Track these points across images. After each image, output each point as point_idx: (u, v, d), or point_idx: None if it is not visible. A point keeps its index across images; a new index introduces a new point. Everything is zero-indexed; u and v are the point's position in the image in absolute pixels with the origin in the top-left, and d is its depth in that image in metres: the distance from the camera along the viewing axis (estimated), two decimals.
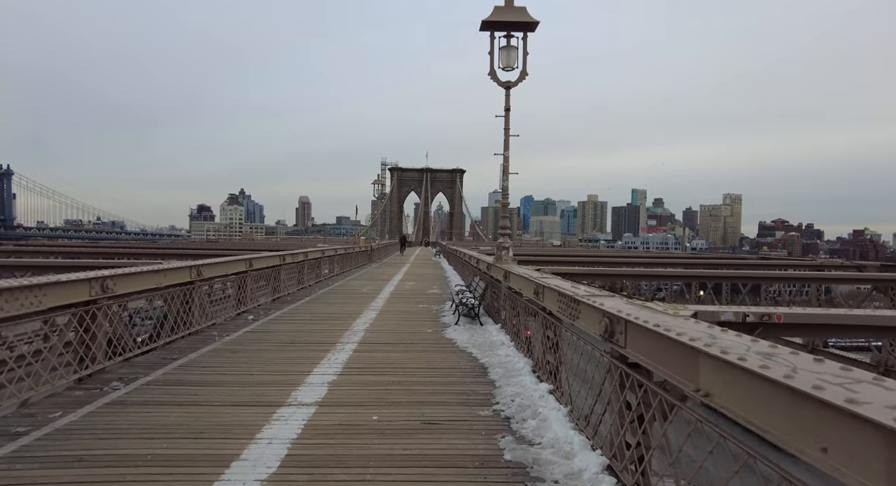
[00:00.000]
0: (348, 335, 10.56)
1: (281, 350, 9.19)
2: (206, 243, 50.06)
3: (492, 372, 7.79)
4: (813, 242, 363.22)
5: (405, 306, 15.22)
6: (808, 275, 20.89)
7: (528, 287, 8.46)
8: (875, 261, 45.67)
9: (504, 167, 12.35)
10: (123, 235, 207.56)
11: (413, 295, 18.29)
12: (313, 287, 20.12)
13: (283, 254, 17.38)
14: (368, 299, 16.84)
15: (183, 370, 7.74)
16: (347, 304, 15.57)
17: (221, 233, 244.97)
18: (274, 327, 11.57)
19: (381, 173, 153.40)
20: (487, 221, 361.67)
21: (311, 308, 14.64)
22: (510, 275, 10.43)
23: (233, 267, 12.80)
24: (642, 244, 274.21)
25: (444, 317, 13.10)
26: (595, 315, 5.12)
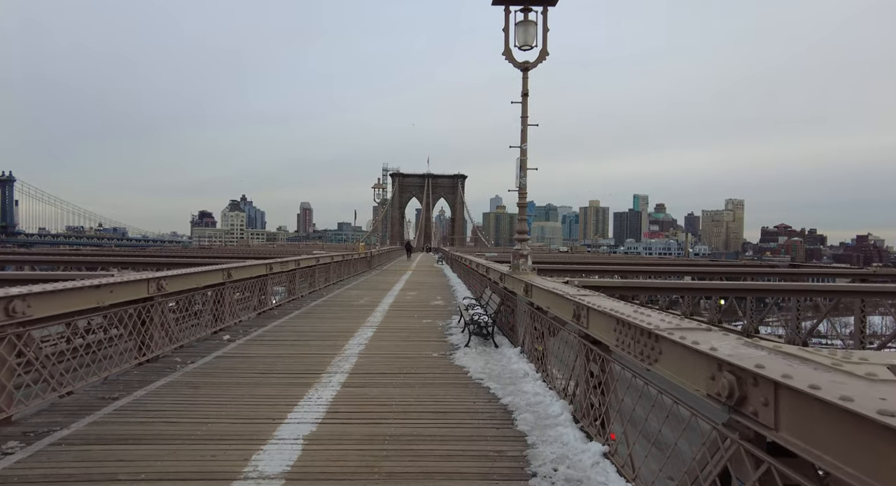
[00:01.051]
0: (338, 362, 8.77)
1: (253, 385, 7.40)
2: (198, 251, 48.28)
3: (519, 420, 6.00)
4: (816, 247, 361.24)
5: (407, 322, 13.44)
6: (867, 288, 18.77)
7: (562, 308, 6.69)
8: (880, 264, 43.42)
9: (521, 161, 10.62)
10: (106, 242, 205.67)
11: (415, 307, 16.52)
12: (306, 299, 18.35)
13: (271, 262, 15.63)
14: (365, 312, 15.06)
15: (119, 417, 5.96)
16: (341, 319, 13.78)
17: (214, 239, 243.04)
18: (251, 350, 9.79)
19: (382, 178, 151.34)
20: (489, 227, 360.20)
21: (298, 325, 12.85)
22: (533, 289, 8.67)
23: (206, 279, 11.04)
24: (645, 250, 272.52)
25: (452, 336, 11.31)
26: (699, 365, 3.35)
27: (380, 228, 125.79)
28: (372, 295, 19.91)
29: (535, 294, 8.57)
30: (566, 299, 6.46)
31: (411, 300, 18.57)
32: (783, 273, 22.51)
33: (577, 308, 6.04)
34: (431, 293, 21.04)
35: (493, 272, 13.99)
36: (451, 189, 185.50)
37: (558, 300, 6.94)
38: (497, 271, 12.97)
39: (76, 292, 6.81)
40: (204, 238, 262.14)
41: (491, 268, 14.64)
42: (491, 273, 14.47)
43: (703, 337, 3.66)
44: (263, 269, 14.94)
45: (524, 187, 10.70)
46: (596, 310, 5.41)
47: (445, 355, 9.51)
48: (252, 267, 14.06)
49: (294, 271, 18.10)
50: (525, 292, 9.13)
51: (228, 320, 12.19)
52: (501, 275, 12.03)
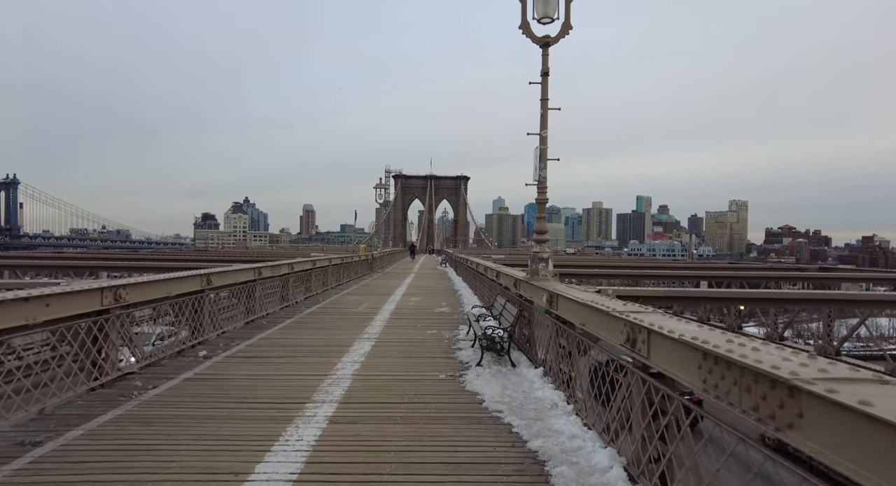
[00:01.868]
0: (328, 387, 7.38)
1: (221, 419, 6.02)
2: (193, 253, 46.95)
3: (555, 475, 4.58)
4: (821, 248, 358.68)
5: (409, 333, 12.04)
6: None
7: (607, 327, 5.29)
8: (885, 267, 41.91)
9: (540, 151, 9.22)
10: (108, 244, 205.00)
11: (419, 315, 15.12)
12: (300, 305, 16.98)
13: (260, 266, 14.25)
14: (364, 321, 13.67)
15: (27, 476, 4.57)
16: (337, 330, 12.40)
17: (210, 241, 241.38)
18: (228, 370, 8.40)
19: (384, 179, 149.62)
20: (492, 229, 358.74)
21: (288, 337, 11.46)
22: (559, 299, 7.27)
23: (179, 286, 9.66)
24: (649, 251, 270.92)
25: (461, 351, 9.91)
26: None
27: (382, 230, 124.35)
28: (372, 301, 18.52)
29: (562, 306, 7.18)
30: (613, 316, 5.06)
31: (414, 307, 17.18)
32: (812, 277, 21.02)
33: (630, 331, 4.64)
34: (436, 299, 19.65)
35: (504, 277, 12.60)
36: (454, 190, 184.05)
37: (599, 318, 5.54)
38: (510, 276, 11.57)
39: None
40: (202, 241, 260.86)
41: (502, 272, 13.24)
42: (502, 278, 13.08)
43: (880, 394, 2.27)
44: (251, 273, 13.56)
45: (544, 180, 9.30)
46: (663, 336, 4.02)
47: (454, 376, 8.11)
48: (237, 272, 12.67)
49: (287, 276, 16.72)
50: (549, 303, 7.73)
51: (209, 333, 10.82)
52: (516, 281, 10.63)
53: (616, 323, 4.99)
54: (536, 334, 9.05)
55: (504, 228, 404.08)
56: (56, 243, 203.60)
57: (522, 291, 10.02)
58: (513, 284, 10.91)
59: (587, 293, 6.98)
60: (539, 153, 9.28)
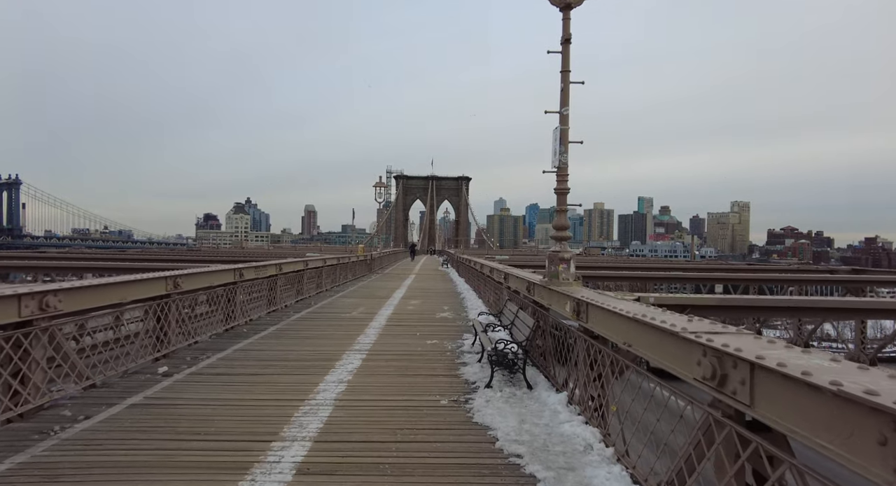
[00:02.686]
0: (303, 418, 5.95)
1: (152, 471, 4.59)
2: (183, 253, 45.52)
3: None
4: (823, 249, 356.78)
5: (407, 344, 10.60)
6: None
7: (677, 355, 3.83)
8: (889, 268, 40.55)
9: (561, 132, 7.79)
10: (110, 244, 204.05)
11: (418, 321, 13.69)
12: (289, 310, 15.56)
13: (242, 268, 12.82)
14: (357, 328, 12.24)
15: None
16: (325, 339, 10.97)
17: (205, 241, 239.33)
18: (186, 393, 6.96)
19: (385, 179, 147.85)
20: (493, 230, 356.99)
21: (268, 348, 10.02)
22: (591, 310, 5.84)
23: (136, 290, 8.23)
24: (650, 252, 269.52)
25: (466, 366, 8.49)
26: None
27: (383, 230, 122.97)
28: (368, 304, 17.09)
29: (595, 318, 5.75)
30: (684, 339, 3.62)
31: (413, 312, 15.74)
32: (844, 281, 19.47)
33: (718, 364, 3.20)
34: (437, 302, 18.21)
35: (514, 280, 11.17)
36: (455, 191, 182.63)
37: (658, 339, 4.10)
38: (521, 278, 10.13)
39: None
40: (198, 241, 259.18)
41: (511, 274, 11.81)
42: (512, 281, 11.65)
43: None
44: (231, 275, 12.14)
45: (565, 167, 7.87)
46: (788, 378, 2.58)
47: (459, 402, 6.67)
48: (213, 274, 11.25)
49: (275, 278, 15.29)
50: (576, 314, 6.30)
51: (176, 343, 9.40)
52: (529, 285, 9.19)
53: (689, 350, 3.56)
54: (550, 347, 7.62)
55: (505, 229, 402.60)
56: (58, 243, 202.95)
57: (538, 296, 8.59)
58: (525, 288, 9.47)
59: (628, 303, 5.55)
60: (559, 135, 7.85)
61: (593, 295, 6.34)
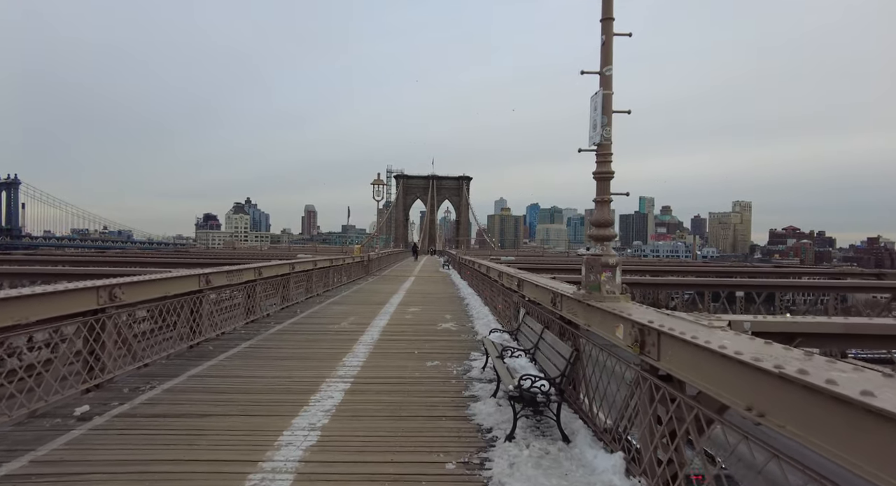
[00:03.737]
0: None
1: None
2: (171, 254, 43.57)
3: None
4: (825, 249, 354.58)
5: (402, 367, 8.71)
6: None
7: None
8: (892, 269, 39.54)
9: (603, 98, 5.91)
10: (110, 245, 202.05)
11: (417, 334, 11.81)
12: (271, 319, 13.68)
13: (212, 273, 10.92)
14: (344, 344, 10.37)
15: None
16: (303, 360, 9.08)
17: (196, 242, 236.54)
18: (91, 456, 5.07)
19: (382, 175, 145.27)
20: (494, 230, 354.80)
21: (227, 377, 8.09)
22: (665, 342, 3.98)
23: (55, 305, 6.35)
24: (652, 252, 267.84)
25: (477, 403, 6.61)
26: None
27: (383, 230, 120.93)
28: (361, 313, 15.21)
29: (674, 357, 3.88)
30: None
31: (412, 321, 13.85)
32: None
33: None
34: (438, 310, 16.32)
35: (532, 289, 9.29)
36: (456, 191, 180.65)
37: (832, 415, 2.22)
38: (543, 288, 8.24)
39: None
40: (196, 242, 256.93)
41: (526, 282, 9.93)
42: (527, 290, 9.76)
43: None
44: (195, 282, 10.26)
45: (608, 143, 5.98)
46: None
47: (471, 465, 4.79)
48: (169, 282, 9.34)
49: (253, 284, 13.41)
50: (637, 344, 4.43)
51: (115, 369, 7.53)
52: (556, 296, 7.31)
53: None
54: (588, 378, 5.74)
55: (506, 229, 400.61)
56: (57, 243, 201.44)
57: (568, 312, 6.71)
58: (550, 300, 7.58)
59: (727, 334, 3.67)
60: (600, 102, 5.96)
61: (663, 318, 4.46)
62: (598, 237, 6.15)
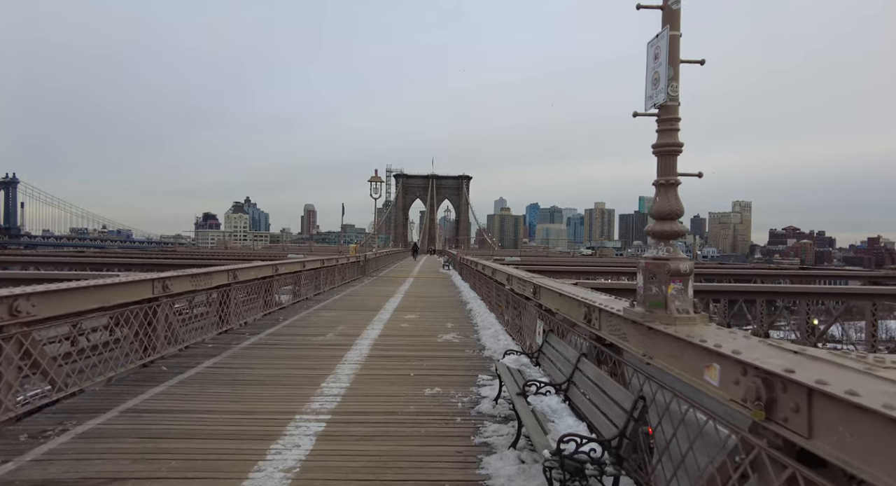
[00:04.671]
0: None
1: None
2: (155, 253, 41.77)
3: None
4: (825, 249, 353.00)
5: (394, 397, 6.99)
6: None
7: None
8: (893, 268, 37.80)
9: (669, 41, 4.23)
10: (109, 244, 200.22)
11: (413, 349, 10.11)
12: (246, 329, 11.98)
13: (169, 277, 9.19)
14: (326, 363, 8.66)
15: None
16: (271, 386, 7.35)
17: (190, 241, 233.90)
18: None
19: (381, 174, 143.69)
20: (493, 230, 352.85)
21: (172, 410, 6.35)
22: (819, 404, 2.28)
23: None
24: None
25: (492, 454, 4.92)
26: None
27: (382, 230, 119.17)
28: (351, 321, 13.51)
29: (851, 444, 2.18)
30: None
31: (408, 332, 12.14)
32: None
33: None
34: (439, 317, 14.62)
35: (555, 299, 7.58)
36: (456, 190, 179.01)
37: None
38: (572, 299, 6.54)
39: None
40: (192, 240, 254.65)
41: (545, 288, 8.22)
42: (547, 298, 8.06)
43: None
44: (147, 289, 8.55)
45: (675, 104, 4.30)
46: None
47: None
48: (112, 288, 7.62)
49: (226, 289, 11.69)
50: (762, 405, 2.75)
51: (16, 407, 5.84)
52: (593, 312, 5.61)
53: None
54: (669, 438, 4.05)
55: (506, 229, 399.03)
56: (56, 242, 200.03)
57: (614, 334, 5.03)
58: (583, 317, 5.87)
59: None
60: (665, 47, 4.28)
61: (798, 361, 2.77)
62: (661, 234, 4.44)
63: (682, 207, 4.42)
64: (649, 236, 4.55)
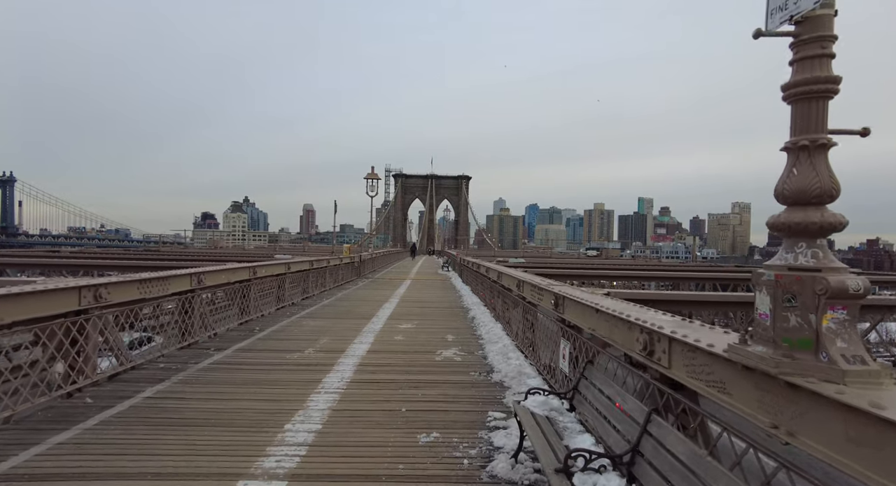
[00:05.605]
0: None
1: None
2: (141, 254, 39.90)
3: None
4: None
5: (379, 445, 5.27)
6: None
7: None
8: (891, 271, 35.45)
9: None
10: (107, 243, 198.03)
11: (407, 371, 8.37)
12: (213, 342, 10.24)
13: (104, 285, 7.46)
14: (297, 393, 6.93)
15: None
16: (218, 430, 5.62)
17: (188, 241, 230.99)
18: None
19: (383, 176, 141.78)
20: (492, 231, 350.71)
21: (69, 476, 4.68)
22: None
23: None
24: (652, 253, 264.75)
25: None
26: None
27: (381, 230, 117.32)
28: (338, 332, 11.78)
29: None
30: None
31: (402, 347, 10.39)
32: None
33: None
34: (437, 327, 12.88)
35: (583, 313, 5.85)
36: (455, 190, 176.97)
37: None
38: (615, 315, 4.82)
39: None
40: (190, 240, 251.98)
41: (569, 299, 6.50)
42: (571, 311, 6.33)
43: None
44: (74, 298, 6.82)
45: (829, 9, 2.63)
46: None
47: None
48: (16, 299, 5.89)
49: (189, 296, 9.95)
50: None
51: None
52: (654, 339, 3.90)
53: None
54: None
55: (505, 230, 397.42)
56: (53, 241, 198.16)
57: (696, 379, 3.32)
58: (641, 345, 4.15)
59: None
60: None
61: None
62: (800, 229, 2.72)
63: (837, 183, 2.70)
64: (776, 231, 2.82)
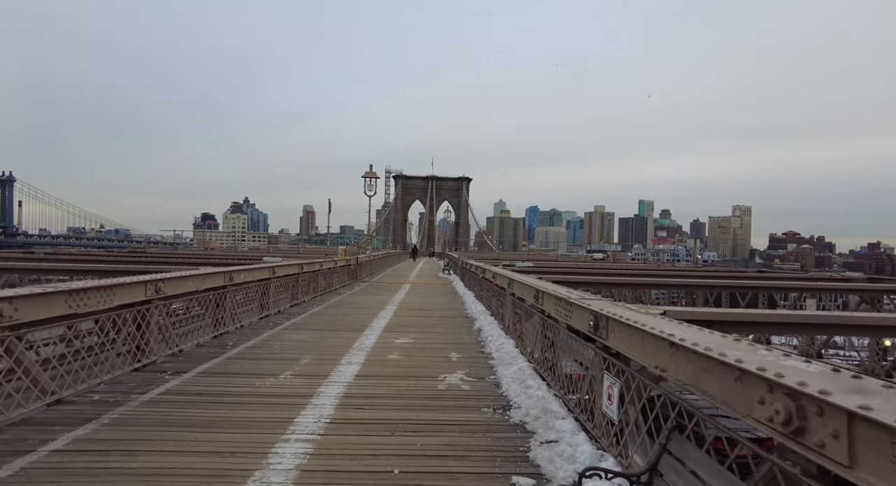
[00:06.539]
0: None
1: None
2: (126, 254, 38.30)
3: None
4: (826, 254, 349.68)
5: None
6: None
7: None
8: (892, 275, 35.44)
9: None
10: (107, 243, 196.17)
11: (402, 406, 6.74)
12: (174, 363, 8.62)
13: (14, 296, 5.83)
14: (259, 440, 5.31)
15: None
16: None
17: (188, 241, 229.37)
18: None
19: (384, 178, 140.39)
20: (493, 232, 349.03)
21: None
22: None
23: None
24: (653, 256, 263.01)
25: None
26: None
27: (381, 231, 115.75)
28: (324, 349, 10.16)
29: None
30: None
31: (398, 370, 8.74)
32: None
33: None
34: (440, 342, 11.25)
35: (637, 341, 4.25)
36: (456, 192, 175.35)
37: None
38: (722, 362, 3.23)
39: None
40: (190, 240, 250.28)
41: (615, 320, 4.90)
42: (616, 338, 4.73)
43: None
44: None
45: None
46: None
47: None
48: None
49: (146, 307, 8.32)
50: None
51: None
52: (828, 410, 2.30)
53: None
54: None
55: (506, 232, 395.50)
56: (52, 241, 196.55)
57: None
58: (783, 418, 2.56)
59: None
60: None
61: None
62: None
63: None
64: None
